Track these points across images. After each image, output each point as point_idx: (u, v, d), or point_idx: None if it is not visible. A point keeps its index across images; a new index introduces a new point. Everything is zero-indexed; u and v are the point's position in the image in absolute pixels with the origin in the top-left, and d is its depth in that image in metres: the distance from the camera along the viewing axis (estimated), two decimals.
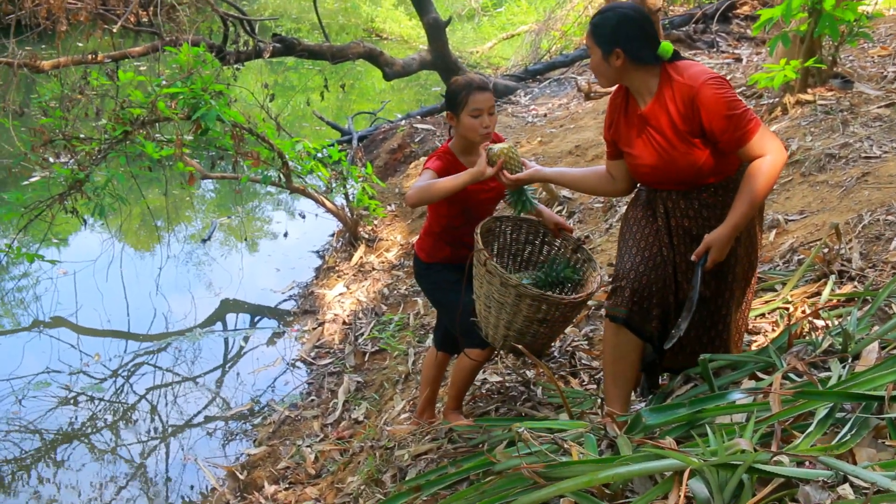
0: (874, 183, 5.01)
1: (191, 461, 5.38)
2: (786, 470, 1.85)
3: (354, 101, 15.86)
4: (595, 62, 3.12)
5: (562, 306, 3.42)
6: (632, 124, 3.17)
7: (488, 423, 3.70)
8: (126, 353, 6.82)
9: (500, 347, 3.62)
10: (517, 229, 3.96)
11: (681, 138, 3.02)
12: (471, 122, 3.59)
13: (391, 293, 6.86)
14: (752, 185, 2.94)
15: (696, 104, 2.94)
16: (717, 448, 2.10)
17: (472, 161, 3.67)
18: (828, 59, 6.94)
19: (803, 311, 3.85)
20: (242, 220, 9.91)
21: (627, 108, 3.20)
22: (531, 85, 12.40)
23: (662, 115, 3.05)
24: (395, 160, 10.24)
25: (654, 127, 3.08)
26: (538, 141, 8.56)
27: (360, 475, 4.14)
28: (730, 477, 1.88)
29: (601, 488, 2.22)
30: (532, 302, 3.36)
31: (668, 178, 3.15)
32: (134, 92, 6.66)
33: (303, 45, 11.01)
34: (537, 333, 3.48)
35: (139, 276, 8.10)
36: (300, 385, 6.11)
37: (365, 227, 8.11)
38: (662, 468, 2.03)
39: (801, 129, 6.25)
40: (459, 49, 17.39)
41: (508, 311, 3.43)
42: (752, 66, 9.27)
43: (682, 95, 2.98)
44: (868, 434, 2.23)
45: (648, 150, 3.11)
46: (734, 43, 11.63)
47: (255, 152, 6.90)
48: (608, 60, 3.07)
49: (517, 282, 3.36)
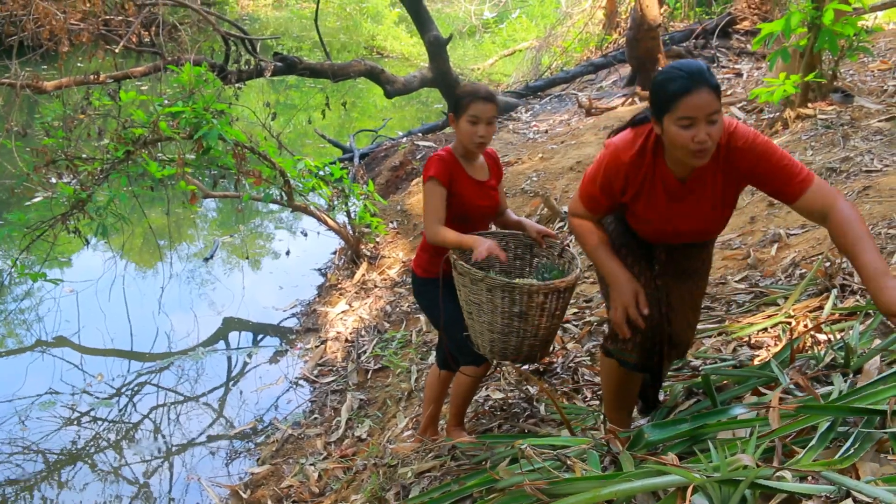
0: (875, 196, 5.02)
1: (194, 480, 5.36)
2: (788, 485, 1.85)
3: (356, 119, 15.92)
4: (722, 124, 2.68)
5: (533, 293, 3.35)
6: (661, 193, 2.88)
7: (491, 440, 3.70)
8: (129, 372, 6.81)
9: (490, 356, 3.61)
10: (505, 247, 3.95)
11: (724, 203, 2.88)
12: (467, 128, 3.63)
13: (393, 310, 6.86)
14: (859, 226, 2.62)
15: (751, 163, 2.74)
16: (720, 464, 2.09)
17: (472, 166, 3.74)
18: (828, 73, 6.97)
19: (805, 326, 3.85)
20: (244, 239, 9.93)
21: (654, 178, 2.87)
22: (532, 101, 12.45)
23: (708, 179, 2.82)
24: (396, 177, 10.27)
25: (693, 193, 2.85)
26: (539, 157, 8.58)
27: (364, 493, 4.12)
28: (732, 492, 1.88)
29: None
30: (503, 293, 3.35)
31: (682, 238, 3.03)
32: (136, 112, 6.69)
33: (304, 64, 11.07)
34: (521, 332, 3.43)
35: (142, 296, 8.10)
36: (303, 403, 6.10)
37: (367, 245, 8.12)
38: (665, 484, 2.02)
39: (802, 144, 6.27)
40: (460, 66, 17.47)
41: (486, 310, 3.43)
42: (752, 80, 9.30)
43: (732, 158, 2.76)
44: (871, 448, 2.22)
45: (681, 219, 2.91)
46: (734, 58, 11.68)
47: (257, 171, 6.92)
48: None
49: (483, 275, 3.36)
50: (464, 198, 3.70)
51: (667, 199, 2.88)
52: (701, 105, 2.57)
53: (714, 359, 3.97)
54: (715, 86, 2.61)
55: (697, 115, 2.57)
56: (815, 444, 2.31)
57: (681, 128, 2.60)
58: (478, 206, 3.77)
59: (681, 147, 2.64)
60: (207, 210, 11.31)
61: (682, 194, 2.86)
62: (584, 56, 14.77)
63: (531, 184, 7.79)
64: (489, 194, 3.80)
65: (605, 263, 3.00)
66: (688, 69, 2.62)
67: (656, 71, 3.95)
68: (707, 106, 2.58)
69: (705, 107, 2.58)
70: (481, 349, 3.62)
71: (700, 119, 2.58)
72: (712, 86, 2.60)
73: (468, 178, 3.74)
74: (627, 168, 2.86)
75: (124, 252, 9.29)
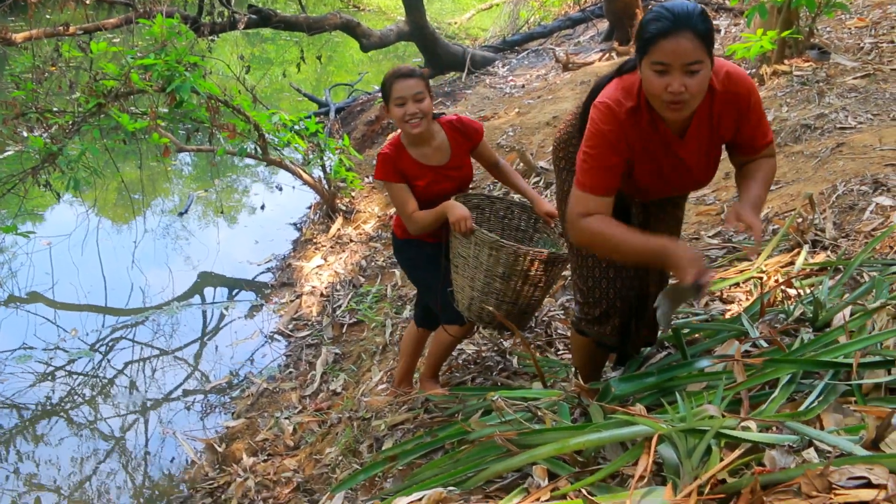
0: (849, 153, 5.04)
1: (169, 434, 5.38)
2: (752, 435, 1.87)
3: (333, 73, 15.79)
4: (705, 77, 2.43)
5: (520, 258, 3.36)
6: (659, 147, 2.65)
7: (464, 393, 3.73)
8: (104, 327, 6.80)
9: (466, 313, 3.62)
10: (511, 216, 3.95)
11: (716, 147, 2.70)
12: (397, 112, 3.54)
13: (368, 265, 6.86)
14: (765, 178, 2.68)
15: (744, 110, 2.61)
16: (686, 414, 2.12)
17: (421, 152, 3.65)
18: (804, 29, 6.96)
19: (776, 281, 3.88)
20: (219, 193, 9.87)
21: (652, 132, 2.62)
22: (509, 56, 12.38)
23: (703, 129, 2.63)
24: (372, 132, 10.21)
25: (690, 145, 2.65)
26: (516, 112, 8.55)
27: (338, 446, 4.16)
28: (698, 443, 1.91)
29: (574, 455, 2.25)
30: (490, 251, 3.35)
31: (670, 192, 2.89)
32: (107, 64, 6.60)
33: (279, 17, 10.93)
34: (500, 295, 3.44)
35: (116, 250, 8.06)
36: (278, 357, 6.11)
37: (342, 199, 8.09)
38: (632, 435, 2.05)
39: (778, 100, 6.28)
40: (438, 20, 17.34)
41: (471, 265, 3.44)
42: (730, 37, 9.28)
43: (730, 102, 2.59)
44: (835, 400, 2.26)
45: (677, 173, 2.71)
46: (713, 14, 11.61)
47: (231, 124, 6.86)
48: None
49: (476, 228, 3.37)
50: (418, 189, 3.63)
51: (664, 153, 2.65)
52: (678, 52, 2.34)
53: (686, 313, 4.01)
54: (702, 32, 2.35)
55: (672, 62, 2.35)
56: (777, 395, 2.34)
57: (654, 73, 2.39)
58: (437, 192, 3.67)
59: (653, 95, 2.45)
60: (182, 164, 11.22)
61: (679, 148, 2.64)
62: (562, 11, 14.69)
63: (507, 139, 7.77)
64: (449, 175, 3.70)
65: (645, 243, 2.57)
66: (675, 10, 2.35)
67: (634, 26, 3.87)
68: (685, 54, 2.33)
69: (683, 54, 2.34)
70: (460, 305, 3.63)
71: (675, 67, 2.36)
72: (699, 32, 2.35)
73: (419, 167, 3.65)
74: (624, 120, 2.57)
75: (98, 207, 9.21)
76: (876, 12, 8.14)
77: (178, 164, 11.06)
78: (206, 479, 4.79)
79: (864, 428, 1.86)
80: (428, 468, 2.67)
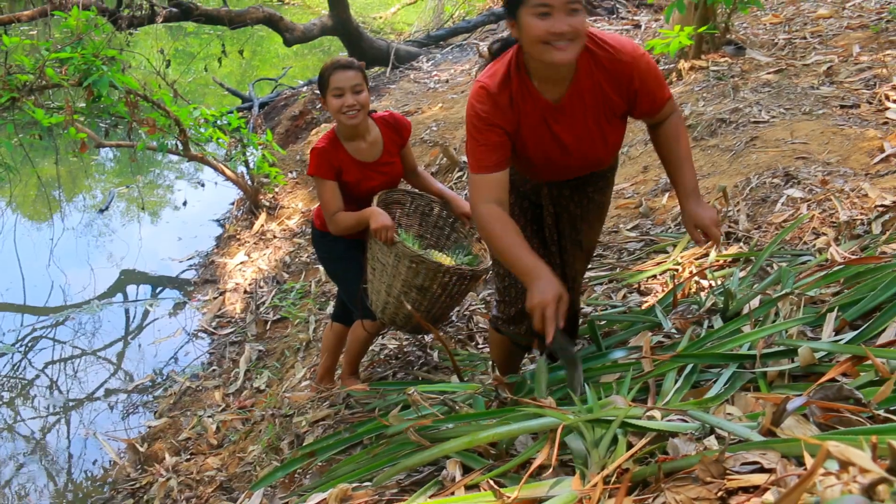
0: (762, 147, 5.17)
1: (91, 435, 5.30)
2: (655, 424, 1.91)
3: (257, 68, 15.63)
4: (584, 20, 2.41)
5: (439, 274, 3.36)
6: (538, 119, 2.62)
7: (384, 388, 3.75)
8: (22, 326, 6.67)
9: (380, 315, 3.62)
10: (430, 212, 3.94)
11: (607, 120, 2.65)
12: (334, 103, 3.50)
13: (293, 261, 6.83)
14: (684, 144, 2.73)
15: (634, 79, 2.57)
16: (593, 405, 2.16)
17: (355, 147, 3.62)
18: (721, 25, 7.10)
19: (690, 272, 3.97)
20: (141, 189, 9.72)
21: (525, 102, 2.59)
22: (433, 51, 12.38)
23: (586, 98, 2.59)
24: (296, 127, 10.16)
25: (570, 115, 2.61)
26: (440, 106, 8.58)
27: (261, 443, 4.14)
28: (605, 432, 1.94)
29: (487, 448, 2.27)
30: (410, 264, 3.36)
31: (571, 170, 2.83)
32: (22, 57, 6.46)
33: (200, 10, 10.78)
34: (415, 303, 3.43)
35: (35, 248, 7.89)
36: (201, 355, 6.06)
37: (266, 195, 8.03)
38: (540, 427, 2.08)
39: (695, 95, 6.40)
40: (362, 14, 17.27)
41: (389, 273, 3.44)
42: (650, 32, 9.42)
43: (615, 72, 2.56)
44: (740, 388, 2.32)
45: (560, 144, 2.66)
46: (634, 10, 11.77)
47: (151, 119, 6.76)
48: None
49: (398, 240, 3.37)
50: (349, 185, 3.62)
51: (545, 124, 2.61)
52: None
53: (604, 305, 4.08)
54: None
55: (554, 2, 2.32)
56: (680, 384, 2.40)
57: (537, 17, 2.34)
58: (366, 189, 3.66)
59: (537, 40, 2.37)
60: (104, 160, 11.03)
61: (559, 116, 2.59)
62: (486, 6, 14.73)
63: (431, 133, 7.79)
64: (380, 171, 3.69)
65: (520, 259, 2.54)
66: None
67: None
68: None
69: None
70: (373, 306, 3.63)
71: (557, 7, 2.32)
72: None
73: (353, 162, 3.63)
74: (496, 97, 2.55)
75: (16, 203, 9.01)
76: (790, 9, 8.34)
77: (98, 160, 10.87)
78: (127, 480, 4.73)
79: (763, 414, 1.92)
80: (345, 464, 2.67)
